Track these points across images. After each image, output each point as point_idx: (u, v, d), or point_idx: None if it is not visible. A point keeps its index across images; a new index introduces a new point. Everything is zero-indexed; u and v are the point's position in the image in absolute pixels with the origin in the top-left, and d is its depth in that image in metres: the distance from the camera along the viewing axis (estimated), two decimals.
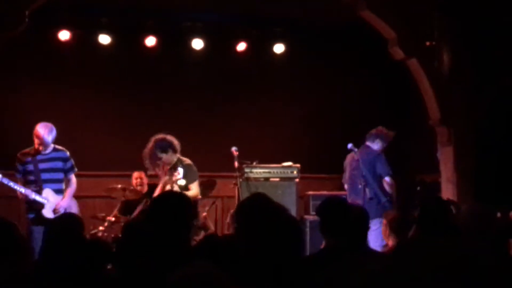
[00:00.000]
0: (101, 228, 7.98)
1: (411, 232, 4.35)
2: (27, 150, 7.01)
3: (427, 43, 7.86)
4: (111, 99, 9.55)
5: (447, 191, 7.85)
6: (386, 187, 7.55)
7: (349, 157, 7.85)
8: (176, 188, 7.02)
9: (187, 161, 7.23)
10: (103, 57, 9.43)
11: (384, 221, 6.25)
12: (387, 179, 7.58)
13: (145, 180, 8.72)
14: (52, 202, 6.90)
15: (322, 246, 4.37)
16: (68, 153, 7.15)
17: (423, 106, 8.19)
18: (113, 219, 8.01)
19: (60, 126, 7.29)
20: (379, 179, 7.53)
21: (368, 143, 7.84)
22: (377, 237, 6.43)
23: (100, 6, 9.14)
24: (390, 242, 4.87)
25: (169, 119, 9.68)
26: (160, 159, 7.14)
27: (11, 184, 6.78)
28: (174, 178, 6.96)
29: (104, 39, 9.24)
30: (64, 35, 9.05)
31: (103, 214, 8.24)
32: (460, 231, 4.17)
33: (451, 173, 7.89)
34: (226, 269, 3.01)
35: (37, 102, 8.97)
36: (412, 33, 7.89)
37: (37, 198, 6.85)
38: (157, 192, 7.04)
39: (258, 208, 3.39)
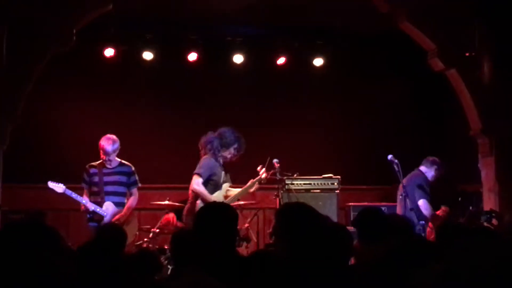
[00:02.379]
0: (145, 239, 8.15)
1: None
2: (95, 163, 7.43)
3: (467, 54, 7.85)
4: (155, 113, 9.75)
5: (489, 202, 7.81)
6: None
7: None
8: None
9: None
10: (146, 73, 9.66)
11: (431, 225, 6.32)
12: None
13: None
14: (111, 215, 7.24)
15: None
16: (133, 168, 7.54)
17: (464, 115, 8.18)
18: (157, 230, 8.16)
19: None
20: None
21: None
22: None
23: (143, 23, 9.36)
24: None
25: None
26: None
27: (74, 195, 7.15)
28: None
29: (148, 55, 9.47)
30: (109, 52, 9.30)
31: (148, 226, 8.41)
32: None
33: (493, 183, 7.84)
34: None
35: (83, 117, 9.21)
36: (452, 44, 7.89)
37: (98, 210, 7.21)
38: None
39: (297, 216, 3.46)
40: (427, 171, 8.08)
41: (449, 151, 9.98)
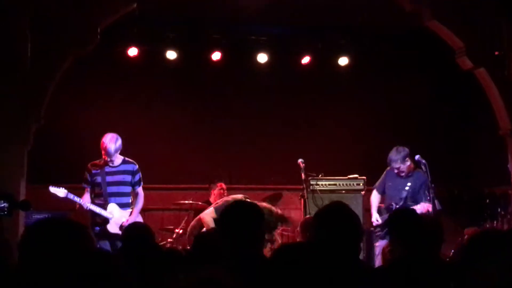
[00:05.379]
0: (169, 240, 8.12)
1: None
2: (97, 161, 7.03)
3: (496, 53, 7.72)
4: (178, 113, 9.72)
5: None
6: None
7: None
8: None
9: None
10: (170, 72, 9.63)
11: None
12: None
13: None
14: (117, 217, 6.85)
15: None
16: (137, 166, 7.08)
17: (492, 115, 8.04)
18: (180, 231, 8.12)
19: (129, 140, 7.45)
20: None
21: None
22: None
23: (167, 22, 9.34)
24: None
25: (235, 132, 9.80)
26: None
27: (76, 199, 6.79)
28: None
29: (171, 54, 9.44)
30: (132, 51, 9.28)
31: (171, 226, 8.39)
32: None
33: None
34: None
35: (106, 117, 9.18)
36: (480, 43, 7.77)
37: (102, 213, 6.82)
38: None
39: (339, 215, 3.39)
40: None
41: (477, 151, 9.84)
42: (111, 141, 6.85)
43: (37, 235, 2.27)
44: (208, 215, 6.79)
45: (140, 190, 7.12)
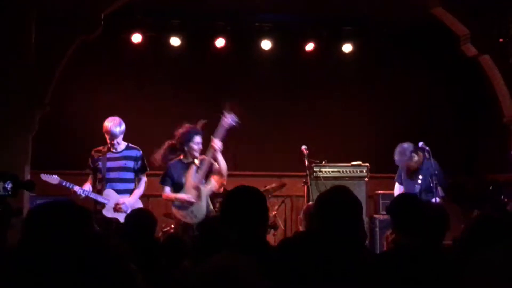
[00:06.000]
0: (172, 225, 8.13)
1: None
2: (101, 147, 7.01)
3: (501, 40, 7.70)
4: (182, 100, 9.71)
5: None
6: None
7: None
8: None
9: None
10: (174, 59, 9.63)
11: None
12: None
13: None
14: (113, 202, 6.80)
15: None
16: (141, 152, 7.06)
17: (496, 103, 8.03)
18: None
19: (133, 126, 7.45)
20: None
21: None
22: None
23: (171, 9, 9.32)
24: None
25: (239, 119, 9.77)
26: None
27: (69, 185, 6.73)
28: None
29: (175, 41, 9.43)
30: (136, 37, 9.27)
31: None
32: None
33: None
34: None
35: (111, 103, 9.19)
36: (485, 30, 7.76)
37: (98, 198, 6.78)
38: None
39: (342, 199, 3.38)
40: None
41: (481, 139, 9.83)
42: (115, 124, 6.83)
43: (39, 217, 2.29)
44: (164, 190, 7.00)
45: (143, 177, 7.07)
